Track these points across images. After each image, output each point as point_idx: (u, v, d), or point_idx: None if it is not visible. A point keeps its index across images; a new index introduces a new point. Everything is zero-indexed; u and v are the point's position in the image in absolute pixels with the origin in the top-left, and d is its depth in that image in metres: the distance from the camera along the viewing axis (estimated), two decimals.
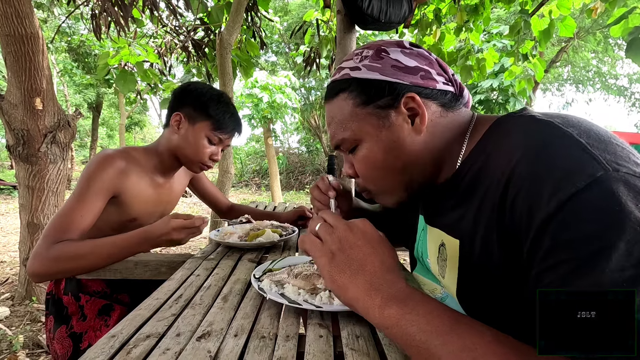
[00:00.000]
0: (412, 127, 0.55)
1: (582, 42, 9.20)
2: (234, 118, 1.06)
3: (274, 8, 9.74)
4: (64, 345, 0.95)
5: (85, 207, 0.88)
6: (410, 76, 0.54)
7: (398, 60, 0.55)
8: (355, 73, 0.56)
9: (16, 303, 2.41)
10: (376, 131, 0.55)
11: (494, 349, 0.34)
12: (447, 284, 0.56)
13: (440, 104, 0.56)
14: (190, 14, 3.13)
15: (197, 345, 0.47)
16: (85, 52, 9.90)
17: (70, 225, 0.86)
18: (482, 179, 0.49)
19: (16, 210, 5.17)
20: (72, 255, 0.82)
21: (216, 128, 1.02)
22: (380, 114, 0.55)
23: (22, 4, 1.98)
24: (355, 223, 0.49)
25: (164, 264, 0.94)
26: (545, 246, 0.36)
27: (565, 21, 2.67)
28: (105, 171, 0.92)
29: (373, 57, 0.56)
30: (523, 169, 0.41)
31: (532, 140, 0.42)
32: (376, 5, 1.90)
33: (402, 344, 0.39)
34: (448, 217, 0.56)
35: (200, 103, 1.02)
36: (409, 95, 0.53)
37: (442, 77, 0.56)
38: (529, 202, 0.39)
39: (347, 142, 0.58)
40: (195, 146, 1.02)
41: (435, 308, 0.39)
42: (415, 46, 0.58)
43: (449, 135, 0.56)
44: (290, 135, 14.07)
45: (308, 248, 0.50)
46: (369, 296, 0.42)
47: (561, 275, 0.34)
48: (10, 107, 2.13)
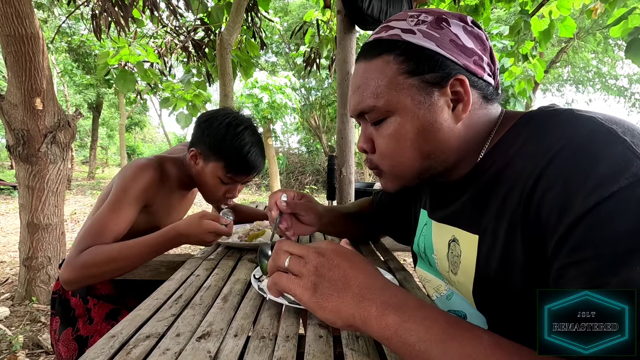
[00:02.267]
0: (452, 113, 0.50)
1: (582, 42, 9.20)
2: (251, 159, 0.98)
3: (274, 8, 9.74)
4: (69, 348, 0.95)
5: (120, 215, 0.88)
6: (464, 57, 0.49)
7: (457, 36, 0.49)
8: (407, 36, 0.50)
9: (16, 303, 2.41)
10: (414, 107, 0.50)
11: (493, 353, 0.34)
12: (460, 281, 0.54)
13: (481, 95, 0.52)
14: (191, 14, 3.13)
15: (197, 345, 0.47)
16: (86, 52, 9.91)
17: (103, 232, 0.86)
18: (508, 173, 0.46)
19: (16, 210, 5.17)
20: (102, 260, 0.82)
21: (228, 171, 0.98)
22: (424, 89, 0.49)
23: (23, 4, 1.98)
24: (321, 246, 0.46)
25: (164, 264, 0.94)
26: (574, 241, 0.36)
27: (565, 22, 2.68)
28: (141, 181, 0.92)
29: (432, 24, 0.50)
30: (561, 162, 0.39)
31: (572, 135, 0.40)
32: (376, 6, 1.90)
33: (403, 354, 0.38)
34: (464, 212, 0.53)
35: (214, 142, 0.96)
36: (459, 77, 0.48)
37: (489, 68, 0.52)
38: (563, 197, 0.37)
39: (376, 112, 0.52)
40: (208, 185, 1.01)
41: (432, 313, 0.38)
42: (477, 26, 0.52)
43: (480, 129, 0.53)
44: (290, 135, 14.08)
45: (286, 287, 0.44)
46: (363, 308, 0.40)
47: (588, 270, 0.34)
48: (10, 107, 2.13)
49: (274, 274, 0.46)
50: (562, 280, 0.36)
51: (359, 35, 2.45)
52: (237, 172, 0.99)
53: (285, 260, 0.45)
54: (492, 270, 0.48)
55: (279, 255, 0.47)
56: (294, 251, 0.46)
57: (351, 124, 2.05)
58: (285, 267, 0.45)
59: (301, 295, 0.43)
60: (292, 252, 0.46)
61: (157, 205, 0.99)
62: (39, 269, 2.35)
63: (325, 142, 11.08)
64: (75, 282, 0.82)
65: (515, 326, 0.36)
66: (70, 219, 5.23)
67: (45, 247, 2.35)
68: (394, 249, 1.38)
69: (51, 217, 2.34)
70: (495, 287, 0.48)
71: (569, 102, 14.31)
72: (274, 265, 0.47)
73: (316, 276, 0.43)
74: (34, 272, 2.35)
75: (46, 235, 2.34)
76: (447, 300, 0.60)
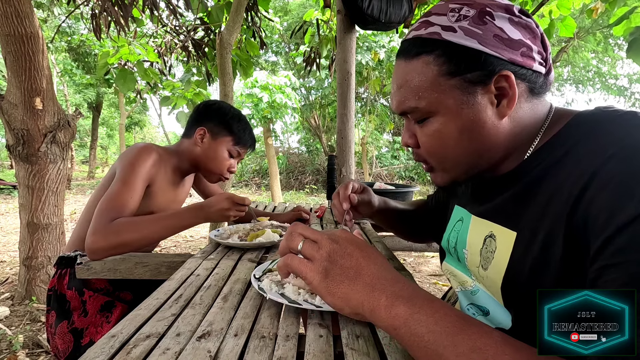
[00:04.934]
0: (497, 109, 0.49)
1: (582, 42, 9.19)
2: (252, 135, 1.21)
3: (274, 8, 9.73)
4: (65, 340, 0.96)
5: (132, 189, 0.96)
6: (510, 51, 0.47)
7: (503, 30, 0.47)
8: (448, 35, 0.48)
9: (16, 303, 2.41)
10: (457, 107, 0.49)
11: (503, 349, 0.33)
12: (489, 276, 0.53)
13: (529, 88, 0.50)
14: (191, 14, 3.13)
15: (197, 345, 0.47)
16: (85, 52, 9.91)
17: (122, 206, 0.92)
18: (556, 173, 0.45)
19: (16, 210, 5.17)
20: (132, 227, 0.89)
21: (237, 143, 1.16)
22: (466, 89, 0.48)
23: (22, 3, 1.97)
24: (336, 234, 0.47)
25: (164, 264, 0.94)
26: (620, 244, 0.35)
27: (565, 21, 2.67)
28: (147, 159, 1.02)
29: (475, 19, 0.48)
30: (615, 166, 0.38)
31: (630, 139, 0.39)
32: (376, 5, 1.90)
33: (410, 345, 0.38)
34: (505, 209, 0.52)
35: (223, 120, 1.14)
36: (503, 73, 0.47)
37: (540, 56, 0.49)
38: (614, 200, 0.36)
39: (419, 113, 0.52)
40: (217, 159, 1.14)
41: (442, 307, 0.38)
42: (524, 14, 0.50)
43: (529, 123, 0.51)
44: (290, 135, 14.07)
45: (297, 269, 0.45)
46: (373, 297, 0.40)
47: (627, 274, 0.33)
48: (10, 106, 2.13)
49: (287, 255, 0.48)
50: (600, 280, 0.36)
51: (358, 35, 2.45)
52: (244, 144, 1.18)
53: (299, 243, 0.47)
54: (525, 268, 0.47)
55: (293, 237, 0.48)
56: (309, 235, 0.47)
57: (351, 123, 2.05)
58: (298, 249, 0.47)
59: (312, 279, 0.44)
60: (306, 236, 0.47)
61: (156, 187, 1.07)
62: (39, 269, 2.35)
63: (325, 142, 11.07)
64: (107, 248, 0.88)
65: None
66: (70, 219, 5.23)
67: (45, 247, 2.35)
68: (394, 249, 1.38)
69: (51, 216, 2.34)
70: (525, 284, 0.47)
71: (569, 101, 14.31)
72: (287, 246, 0.48)
73: (328, 262, 0.44)
74: (33, 271, 2.35)
75: (46, 235, 2.34)
76: (472, 295, 0.60)
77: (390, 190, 1.68)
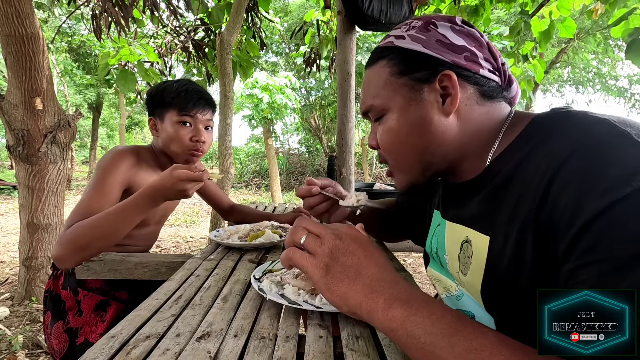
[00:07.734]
0: (442, 107, 0.53)
1: (582, 43, 9.21)
2: (192, 92, 1.07)
3: (274, 8, 9.75)
4: (60, 340, 0.96)
5: (102, 195, 0.93)
6: (453, 54, 0.53)
7: (445, 36, 0.53)
8: (398, 42, 0.55)
9: (16, 303, 2.40)
10: (406, 103, 0.54)
11: (499, 349, 0.34)
12: (469, 281, 0.54)
13: (479, 91, 0.54)
14: (191, 14, 3.13)
15: (197, 345, 0.47)
16: (86, 52, 9.91)
17: (88, 212, 0.88)
18: (521, 174, 0.47)
19: (16, 210, 5.17)
20: (86, 230, 0.84)
21: (180, 109, 1.06)
22: (413, 87, 0.54)
23: (23, 4, 1.98)
24: (340, 229, 0.47)
25: (163, 264, 0.94)
26: (586, 243, 0.35)
27: (566, 22, 2.68)
28: (119, 163, 0.98)
29: (420, 28, 0.55)
30: (575, 163, 0.39)
31: (587, 136, 0.40)
32: (376, 6, 1.90)
33: (407, 346, 0.38)
34: (477, 213, 0.54)
35: (158, 99, 1.08)
36: (445, 72, 0.52)
37: (489, 64, 0.54)
38: (576, 198, 0.37)
39: (375, 110, 0.58)
40: (174, 137, 1.07)
41: (439, 309, 0.38)
42: (467, 25, 0.56)
43: (483, 125, 0.54)
44: (290, 135, 14.07)
45: (299, 263, 0.46)
46: (371, 299, 0.41)
47: (598, 273, 0.34)
48: (10, 107, 2.13)
49: (289, 248, 0.48)
50: (571, 281, 0.36)
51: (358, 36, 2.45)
52: (187, 105, 1.06)
53: (303, 236, 0.47)
54: (501, 271, 0.48)
55: (296, 231, 0.48)
56: (312, 229, 0.47)
57: (351, 124, 2.05)
58: (301, 243, 0.47)
59: (312, 274, 0.44)
60: (310, 230, 0.47)
61: (137, 189, 1.00)
62: (39, 269, 2.35)
63: (325, 143, 11.07)
64: (66, 257, 0.84)
65: (522, 327, 0.36)
66: None
67: (45, 247, 2.35)
68: (394, 249, 1.38)
69: (51, 217, 2.33)
70: (503, 288, 0.48)
71: (569, 102, 14.32)
72: (291, 240, 0.49)
73: (330, 258, 0.44)
74: (33, 272, 2.35)
75: (46, 235, 2.34)
76: (457, 300, 0.61)
77: (390, 191, 1.69)
